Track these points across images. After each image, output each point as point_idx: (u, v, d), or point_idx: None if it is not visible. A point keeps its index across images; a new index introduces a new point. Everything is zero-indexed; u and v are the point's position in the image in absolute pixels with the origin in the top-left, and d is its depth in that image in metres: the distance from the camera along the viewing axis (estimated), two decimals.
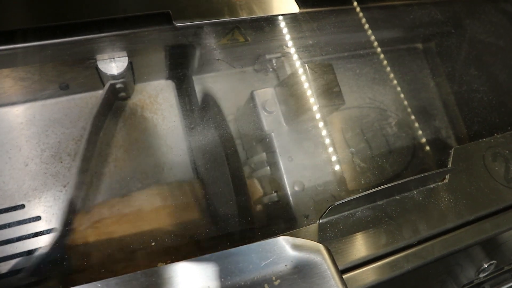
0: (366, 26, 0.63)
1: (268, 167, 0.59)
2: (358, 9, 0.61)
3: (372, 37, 0.67)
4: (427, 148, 0.74)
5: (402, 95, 0.79)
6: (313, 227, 0.41)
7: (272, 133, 0.57)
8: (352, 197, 0.39)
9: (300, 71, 0.56)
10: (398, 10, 0.71)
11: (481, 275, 0.50)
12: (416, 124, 0.77)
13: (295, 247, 0.31)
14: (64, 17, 0.49)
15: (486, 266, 0.49)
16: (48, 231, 0.60)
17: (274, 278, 0.29)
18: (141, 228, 0.52)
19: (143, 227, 0.53)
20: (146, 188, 0.59)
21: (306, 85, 0.54)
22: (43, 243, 0.59)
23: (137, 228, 0.53)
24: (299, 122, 0.58)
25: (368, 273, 0.39)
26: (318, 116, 0.58)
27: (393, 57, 0.83)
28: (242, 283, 0.28)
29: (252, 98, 0.60)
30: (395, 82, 0.79)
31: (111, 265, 0.48)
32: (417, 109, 0.81)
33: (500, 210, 0.47)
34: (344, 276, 0.34)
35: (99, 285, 0.27)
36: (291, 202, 0.53)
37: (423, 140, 0.74)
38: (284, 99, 0.58)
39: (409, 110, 0.78)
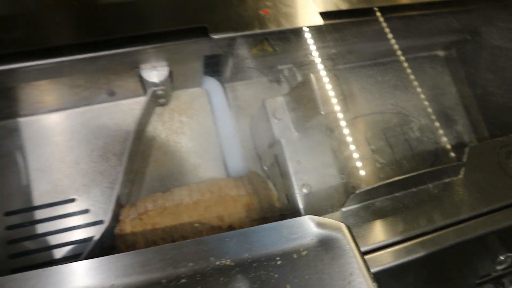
0: (386, 35, 0.67)
1: (279, 171, 0.63)
2: (378, 20, 0.66)
3: (393, 46, 0.71)
4: (449, 151, 0.76)
5: (423, 101, 0.82)
6: (336, 214, 0.45)
7: (282, 139, 0.60)
8: (371, 187, 0.43)
9: (308, 80, 0.58)
10: (418, 20, 0.75)
11: (498, 267, 0.52)
12: (438, 129, 0.80)
13: (319, 224, 0.35)
14: (117, 31, 0.56)
15: (502, 258, 0.51)
16: (95, 223, 0.67)
17: (301, 249, 0.33)
18: (181, 220, 0.58)
19: (183, 219, 0.58)
20: (186, 185, 0.65)
21: (313, 93, 0.57)
22: (91, 233, 0.66)
23: (178, 220, 0.58)
24: (307, 129, 0.61)
25: (386, 256, 0.42)
26: (324, 122, 0.61)
27: (414, 64, 0.86)
28: (275, 253, 0.33)
29: (263, 106, 0.63)
30: (416, 88, 0.82)
31: None
32: (439, 114, 0.83)
33: None
34: None
35: (155, 250, 0.32)
36: (299, 203, 0.56)
37: (445, 143, 0.77)
38: (293, 107, 0.62)
39: (431, 115, 0.81)
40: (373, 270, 0.40)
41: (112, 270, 0.32)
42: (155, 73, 0.65)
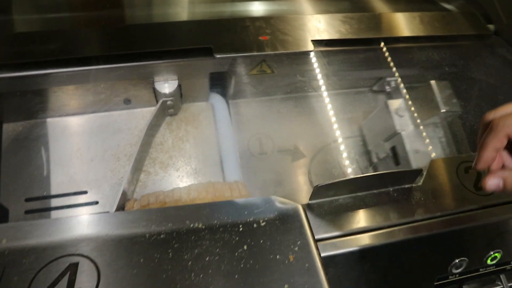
0: (369, 64, 0.76)
1: (394, 161, 0.75)
2: (363, 50, 0.74)
3: (379, 74, 0.78)
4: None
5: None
6: (304, 205, 0.51)
7: (402, 132, 0.73)
8: (332, 181, 0.50)
9: (429, 85, 0.72)
10: (408, 51, 0.83)
11: (454, 271, 0.56)
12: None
13: (280, 203, 0.42)
14: (136, 47, 0.67)
15: (457, 261, 0.55)
16: (103, 213, 0.74)
17: (261, 221, 0.40)
18: None
19: None
20: (186, 185, 0.73)
21: (434, 95, 0.70)
22: None
23: None
24: (423, 124, 0.74)
25: (341, 243, 0.48)
26: (436, 120, 0.75)
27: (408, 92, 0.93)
28: (239, 222, 0.40)
29: (386, 105, 0.77)
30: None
31: None
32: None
33: (466, 210, 0.55)
34: (319, 243, 0.44)
35: (143, 211, 0.40)
36: None
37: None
38: (412, 107, 0.75)
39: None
40: (327, 253, 0.47)
41: (108, 223, 0.39)
42: (166, 85, 0.74)
